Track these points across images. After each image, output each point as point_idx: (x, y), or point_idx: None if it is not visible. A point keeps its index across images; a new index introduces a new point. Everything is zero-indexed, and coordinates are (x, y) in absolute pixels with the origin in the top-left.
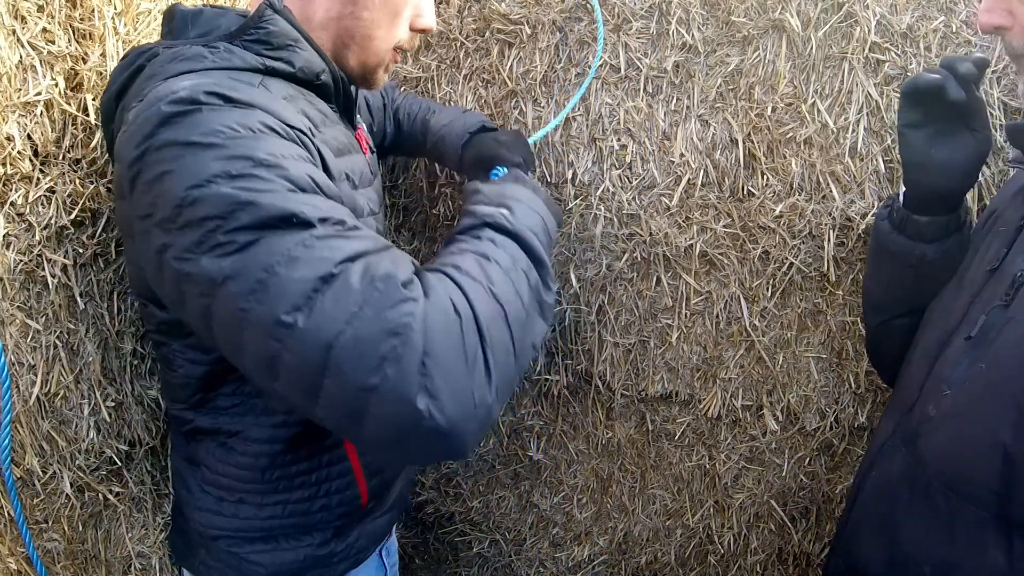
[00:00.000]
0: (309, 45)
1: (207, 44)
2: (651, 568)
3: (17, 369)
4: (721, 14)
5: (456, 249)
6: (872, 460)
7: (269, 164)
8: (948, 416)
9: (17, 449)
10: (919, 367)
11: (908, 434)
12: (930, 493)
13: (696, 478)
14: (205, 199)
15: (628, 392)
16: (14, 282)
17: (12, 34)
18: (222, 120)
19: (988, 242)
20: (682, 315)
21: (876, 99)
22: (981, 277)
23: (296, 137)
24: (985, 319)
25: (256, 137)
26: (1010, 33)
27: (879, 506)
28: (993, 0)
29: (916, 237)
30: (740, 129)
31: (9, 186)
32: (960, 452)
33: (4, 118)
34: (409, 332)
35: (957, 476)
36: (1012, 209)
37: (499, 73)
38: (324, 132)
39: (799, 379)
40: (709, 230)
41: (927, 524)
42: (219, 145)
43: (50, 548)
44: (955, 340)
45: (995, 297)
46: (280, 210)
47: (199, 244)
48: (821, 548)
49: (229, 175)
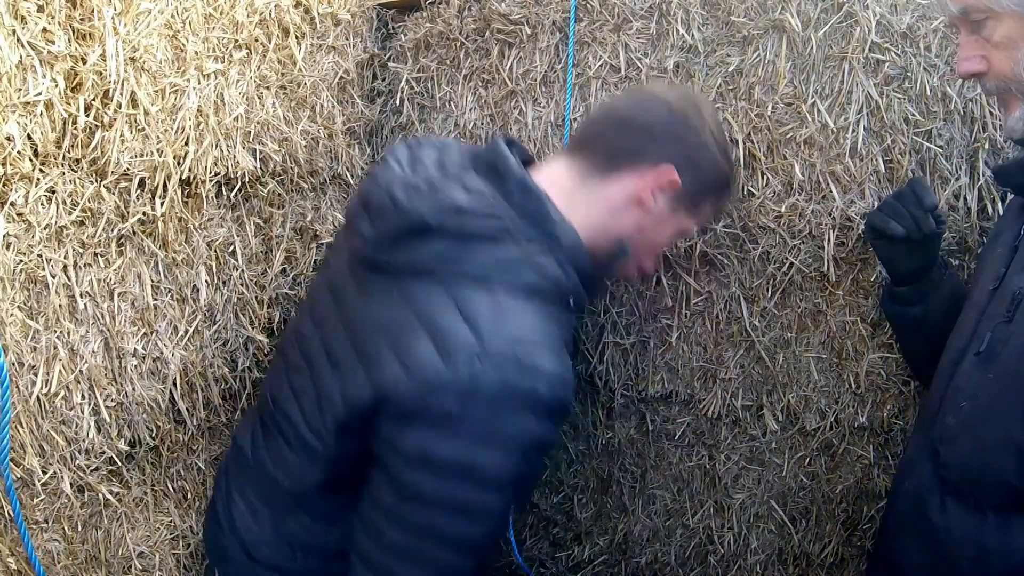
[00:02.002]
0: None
1: (561, 264)
2: (651, 568)
3: (17, 369)
4: (721, 14)
5: None
6: (903, 473)
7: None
8: (966, 424)
9: (17, 449)
10: (938, 383)
11: (931, 444)
12: (959, 494)
13: (696, 478)
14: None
15: (628, 392)
16: (14, 282)
17: (12, 34)
18: (545, 439)
19: (991, 263)
20: (682, 315)
21: (876, 99)
22: (985, 296)
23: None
24: (991, 335)
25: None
26: (985, 77)
27: (914, 513)
28: (968, 49)
29: (903, 303)
30: (740, 129)
31: (9, 186)
32: (980, 454)
33: (4, 118)
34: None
35: (980, 475)
36: (1009, 230)
37: (499, 73)
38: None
39: (799, 379)
40: (709, 230)
41: (959, 520)
42: (530, 453)
43: (50, 548)
44: (967, 356)
45: (998, 314)
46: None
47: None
48: (821, 548)
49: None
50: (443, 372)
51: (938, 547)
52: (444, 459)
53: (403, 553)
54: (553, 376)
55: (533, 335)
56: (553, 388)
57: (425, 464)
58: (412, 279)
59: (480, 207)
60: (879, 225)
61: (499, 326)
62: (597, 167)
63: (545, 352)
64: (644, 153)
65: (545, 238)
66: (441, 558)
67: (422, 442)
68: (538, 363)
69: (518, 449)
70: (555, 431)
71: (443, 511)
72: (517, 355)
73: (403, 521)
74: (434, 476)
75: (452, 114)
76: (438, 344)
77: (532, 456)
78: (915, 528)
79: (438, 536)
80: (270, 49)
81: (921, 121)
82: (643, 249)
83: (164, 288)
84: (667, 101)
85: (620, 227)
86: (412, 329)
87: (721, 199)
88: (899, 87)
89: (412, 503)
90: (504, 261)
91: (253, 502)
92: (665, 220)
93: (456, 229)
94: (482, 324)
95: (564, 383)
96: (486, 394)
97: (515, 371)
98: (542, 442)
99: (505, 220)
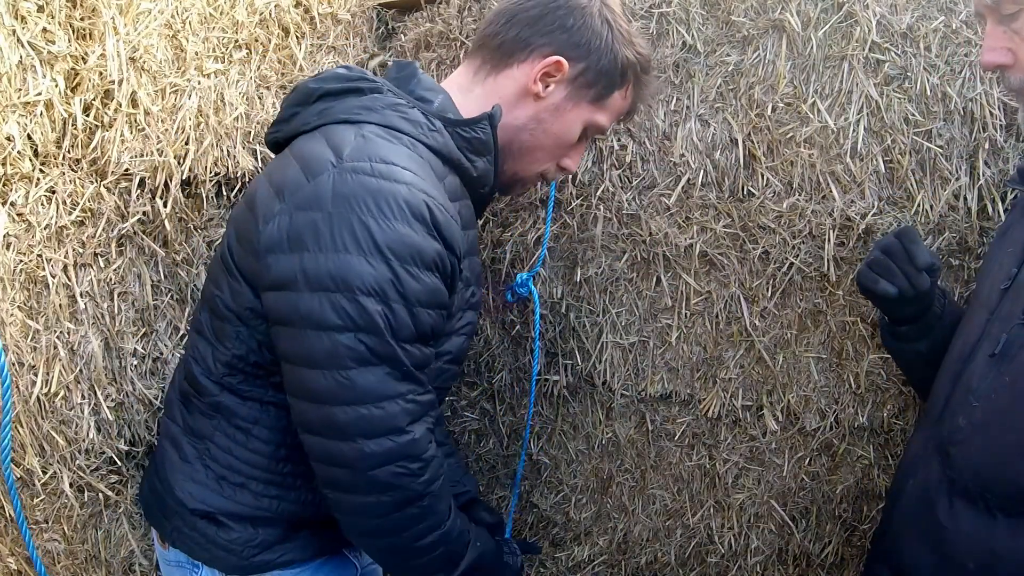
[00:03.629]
0: (494, 160)
1: (427, 114)
2: (651, 568)
3: (17, 369)
4: (721, 14)
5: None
6: (907, 471)
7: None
8: (979, 426)
9: (17, 449)
10: (943, 382)
11: (940, 445)
12: (969, 496)
13: (696, 478)
14: (342, 300)
15: (628, 392)
16: (14, 282)
17: (12, 34)
18: (422, 247)
19: (1000, 261)
20: (682, 315)
21: (876, 99)
22: (996, 295)
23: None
24: (1007, 337)
25: (419, 274)
26: (1010, 71)
27: (920, 513)
28: (994, 39)
29: (905, 340)
30: (740, 129)
31: (9, 186)
32: (994, 458)
33: (4, 118)
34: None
35: (993, 480)
36: (1019, 228)
37: None
38: (468, 234)
39: (799, 379)
40: (709, 230)
41: (969, 524)
42: (389, 261)
43: (50, 548)
44: (978, 356)
45: (1013, 316)
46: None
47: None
48: (821, 548)
49: (388, 305)
50: (305, 186)
51: (945, 548)
52: (320, 273)
53: (329, 394)
54: (414, 183)
55: (396, 157)
56: (413, 193)
57: (308, 284)
58: (297, 139)
59: (359, 74)
60: (870, 286)
61: (361, 146)
62: (489, 63)
63: (408, 165)
64: (530, 44)
65: (415, 100)
66: (362, 384)
67: (299, 263)
68: (397, 173)
69: (387, 250)
70: (424, 239)
71: (340, 332)
72: (374, 165)
73: (311, 359)
74: (315, 294)
75: None
76: (304, 167)
77: (406, 262)
78: (921, 528)
79: (347, 358)
80: (270, 49)
81: (921, 121)
82: (552, 143)
83: (164, 288)
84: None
85: (516, 119)
86: (288, 166)
87: (634, 90)
88: (899, 87)
89: (309, 335)
90: (372, 106)
91: (177, 437)
92: (564, 110)
93: (335, 91)
94: (344, 147)
95: (428, 195)
96: (345, 197)
97: (372, 176)
98: (410, 246)
99: (379, 83)
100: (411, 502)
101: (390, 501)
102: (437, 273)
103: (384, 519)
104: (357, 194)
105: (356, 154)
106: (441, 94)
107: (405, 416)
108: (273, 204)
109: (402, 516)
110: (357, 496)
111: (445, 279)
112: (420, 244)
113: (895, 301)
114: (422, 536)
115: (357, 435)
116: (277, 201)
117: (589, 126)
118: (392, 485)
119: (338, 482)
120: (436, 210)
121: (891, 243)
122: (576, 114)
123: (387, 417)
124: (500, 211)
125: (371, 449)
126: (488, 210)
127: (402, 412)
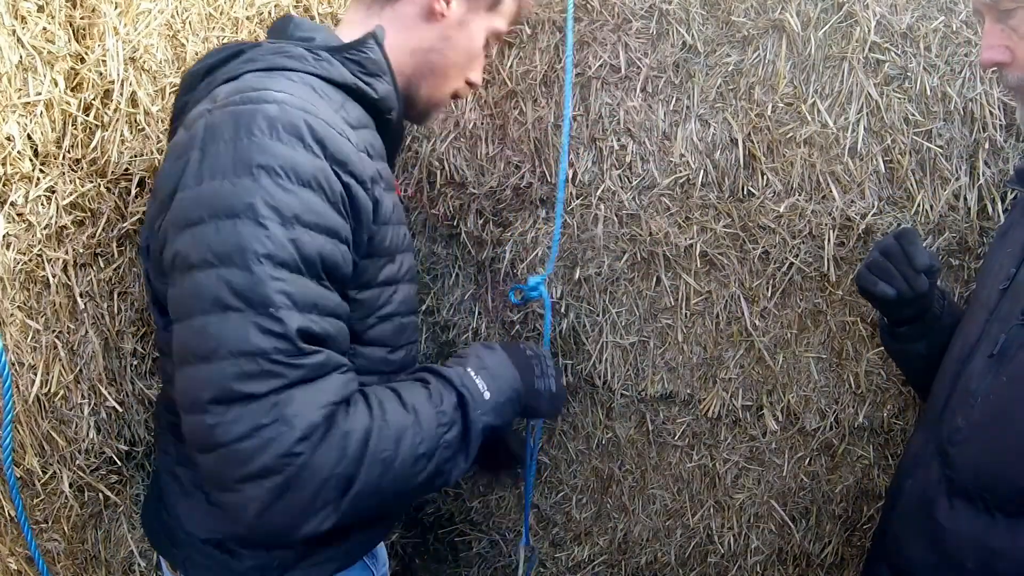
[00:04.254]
0: (392, 81)
1: (311, 49)
2: (651, 568)
3: (17, 369)
4: (721, 14)
5: (411, 388)
6: (906, 471)
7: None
8: (978, 426)
9: (17, 449)
10: (943, 382)
11: (939, 445)
12: (968, 496)
13: (696, 478)
14: (227, 230)
15: (628, 392)
16: (14, 282)
17: (12, 34)
18: (296, 160)
19: (999, 261)
20: (682, 315)
21: (876, 99)
22: (995, 296)
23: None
24: (1005, 337)
25: (292, 188)
26: (1008, 69)
27: (919, 513)
28: (993, 37)
29: (905, 341)
30: (740, 129)
31: (9, 186)
32: (992, 458)
33: (4, 118)
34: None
35: (993, 480)
36: (1019, 228)
37: (499, 73)
38: (379, 165)
39: (799, 379)
40: (709, 230)
41: (968, 524)
42: (256, 177)
43: (50, 548)
44: (976, 356)
45: (1012, 316)
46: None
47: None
48: (821, 548)
49: (257, 222)
50: (183, 136)
51: (944, 547)
52: (186, 207)
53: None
54: (288, 102)
55: (272, 84)
56: (285, 110)
57: (176, 225)
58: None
59: (241, 42)
60: (868, 288)
61: (235, 87)
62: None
63: (284, 88)
64: None
65: (296, 41)
66: (241, 330)
67: (181, 203)
68: (268, 95)
69: (254, 167)
70: (300, 153)
71: (217, 269)
72: (244, 95)
73: (187, 307)
74: (184, 231)
75: (452, 114)
76: (186, 127)
77: (277, 175)
78: (920, 528)
79: (225, 295)
80: None
81: (921, 121)
82: (463, 58)
83: None
84: None
85: (423, 41)
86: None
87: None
88: (899, 87)
89: (186, 274)
90: (253, 57)
91: (174, 468)
92: (468, 23)
93: (217, 62)
94: (219, 94)
95: (308, 112)
96: (215, 131)
97: (240, 104)
98: (281, 158)
99: (260, 42)
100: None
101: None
102: (321, 192)
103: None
104: (224, 122)
105: (228, 93)
106: (322, 31)
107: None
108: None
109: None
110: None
111: (336, 204)
112: (294, 158)
113: (894, 303)
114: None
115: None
116: (166, 163)
117: (490, 34)
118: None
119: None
120: (317, 126)
121: (890, 245)
122: (477, 24)
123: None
124: (500, 211)
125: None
126: (488, 210)
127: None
